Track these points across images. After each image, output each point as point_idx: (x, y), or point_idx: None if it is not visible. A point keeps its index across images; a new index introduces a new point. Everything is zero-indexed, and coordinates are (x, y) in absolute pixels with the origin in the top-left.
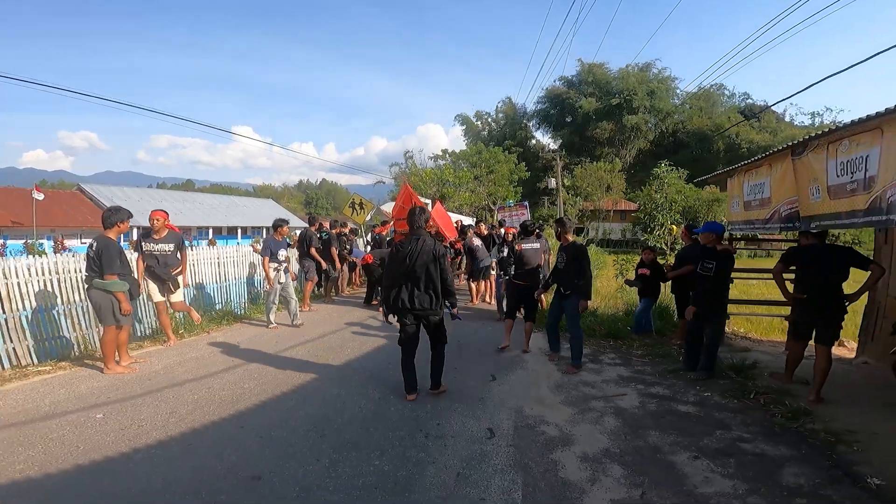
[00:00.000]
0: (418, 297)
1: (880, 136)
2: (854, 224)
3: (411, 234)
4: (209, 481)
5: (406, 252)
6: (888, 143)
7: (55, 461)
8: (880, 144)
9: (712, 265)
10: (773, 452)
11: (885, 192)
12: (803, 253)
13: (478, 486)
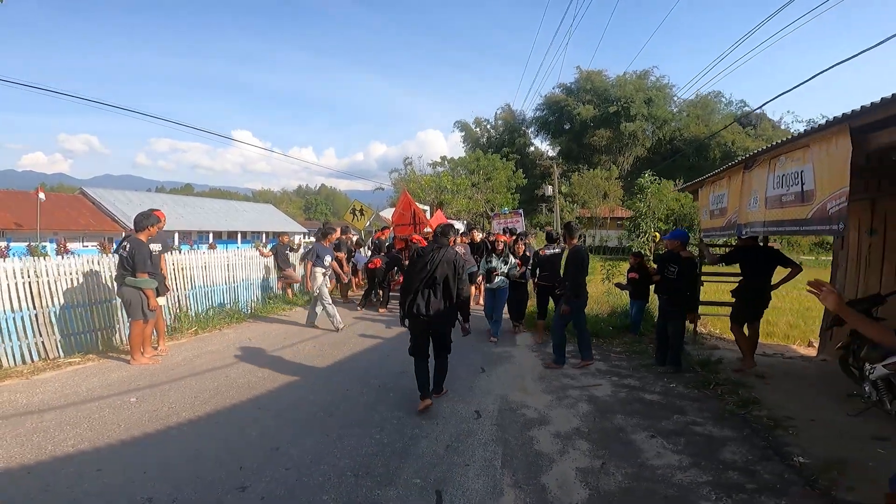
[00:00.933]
0: (434, 304)
1: (809, 152)
2: (800, 231)
3: (435, 242)
4: (235, 451)
5: (427, 259)
6: (817, 158)
7: (102, 437)
8: (812, 161)
9: (675, 269)
10: (719, 434)
11: (825, 203)
12: (745, 253)
13: (464, 455)
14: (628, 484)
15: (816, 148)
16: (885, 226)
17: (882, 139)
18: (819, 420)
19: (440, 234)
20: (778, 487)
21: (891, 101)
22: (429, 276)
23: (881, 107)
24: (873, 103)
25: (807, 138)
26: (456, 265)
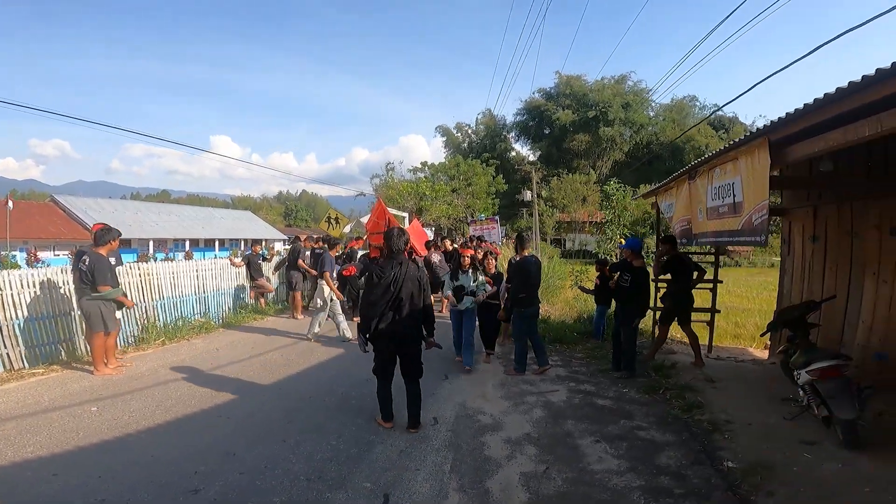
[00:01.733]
0: (401, 323)
1: (738, 164)
2: (733, 242)
3: (390, 257)
4: (191, 456)
5: (390, 279)
6: (745, 171)
7: (60, 444)
8: (740, 173)
9: (628, 277)
10: (660, 439)
11: (751, 215)
12: (676, 261)
13: (416, 460)
14: (566, 489)
15: (743, 161)
16: (826, 233)
17: (799, 151)
18: (755, 424)
19: (395, 250)
20: (703, 492)
21: (801, 113)
22: (394, 297)
23: (793, 119)
24: (788, 115)
25: (735, 150)
26: (420, 281)
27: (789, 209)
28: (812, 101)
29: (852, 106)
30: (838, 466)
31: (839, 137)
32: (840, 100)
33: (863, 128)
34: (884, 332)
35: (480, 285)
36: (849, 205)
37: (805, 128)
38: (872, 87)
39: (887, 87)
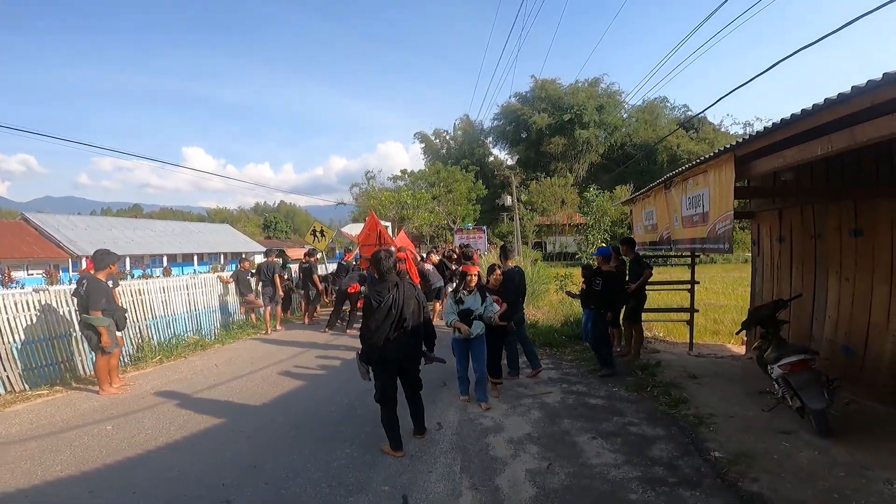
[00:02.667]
0: (405, 344)
1: (708, 177)
2: (701, 249)
3: (382, 280)
4: (215, 470)
5: (389, 302)
6: (713, 184)
7: (86, 462)
8: (709, 185)
9: (599, 281)
10: (651, 433)
11: (716, 224)
12: (635, 262)
13: (427, 463)
14: (570, 482)
15: (712, 174)
16: (791, 234)
17: (761, 166)
18: (737, 416)
19: (384, 271)
20: (694, 480)
21: (763, 134)
22: (396, 320)
23: (756, 139)
24: (752, 135)
25: (706, 164)
26: (419, 300)
27: (757, 212)
28: (771, 125)
29: (806, 127)
30: (814, 453)
31: (795, 155)
32: (795, 122)
33: (815, 147)
34: (848, 327)
35: (489, 307)
36: (811, 208)
37: (767, 145)
38: (819, 113)
39: (834, 112)
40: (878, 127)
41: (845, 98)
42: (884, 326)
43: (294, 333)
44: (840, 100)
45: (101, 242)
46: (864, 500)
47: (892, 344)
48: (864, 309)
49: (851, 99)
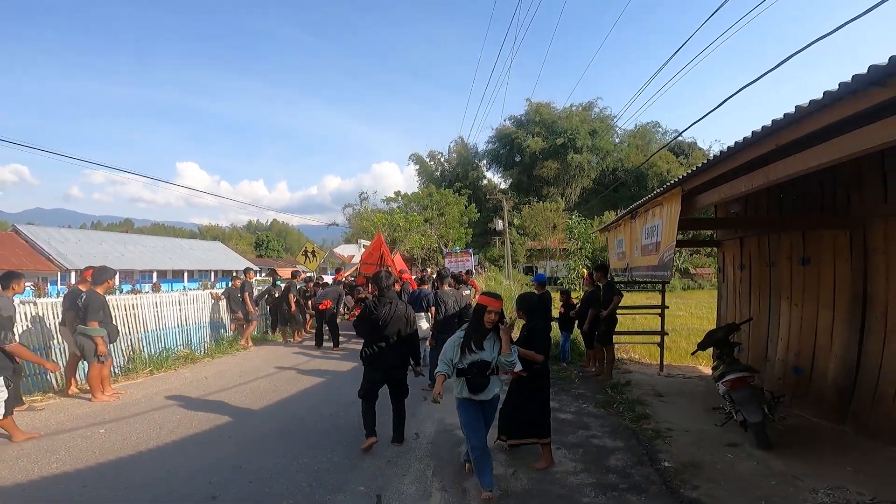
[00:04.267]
0: (390, 356)
1: (663, 209)
2: (652, 276)
3: (382, 295)
4: (202, 470)
5: (380, 316)
6: (666, 215)
7: (81, 461)
8: (662, 217)
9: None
10: (611, 445)
11: (664, 253)
12: (608, 287)
13: (402, 468)
14: (531, 486)
15: (665, 206)
16: (750, 262)
17: (704, 200)
18: (692, 430)
19: (384, 288)
20: (642, 487)
21: (702, 169)
22: (382, 334)
23: (696, 174)
24: (696, 168)
25: (661, 196)
26: (407, 318)
27: (723, 241)
28: (712, 157)
29: (738, 164)
30: (753, 464)
31: (727, 191)
32: (723, 160)
33: (740, 184)
34: (798, 349)
35: (507, 357)
36: (766, 237)
37: (712, 178)
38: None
39: (748, 153)
40: (786, 166)
41: (753, 141)
42: (828, 349)
43: (282, 350)
44: (749, 142)
45: (91, 256)
46: None
47: (835, 365)
48: (811, 332)
49: (762, 140)
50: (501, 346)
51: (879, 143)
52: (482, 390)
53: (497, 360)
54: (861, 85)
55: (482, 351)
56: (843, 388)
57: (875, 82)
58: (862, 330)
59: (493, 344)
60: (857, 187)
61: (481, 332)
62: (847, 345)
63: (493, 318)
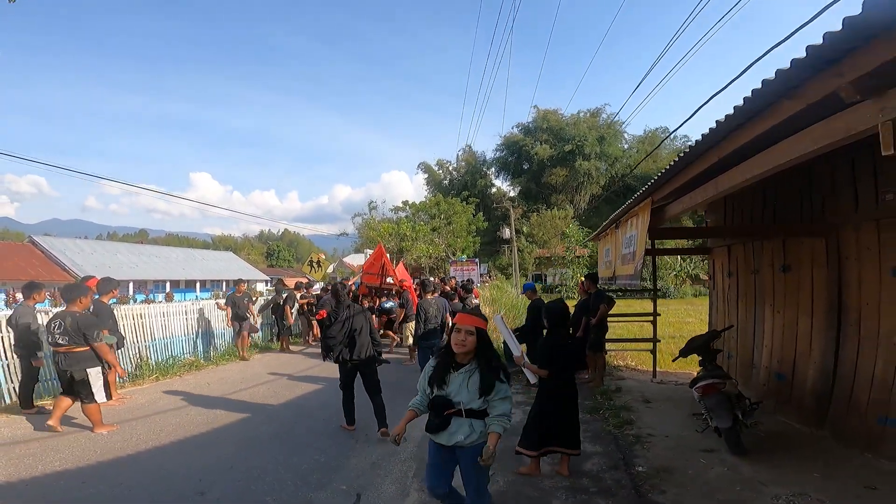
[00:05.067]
0: (356, 351)
1: (638, 219)
2: (628, 284)
3: (339, 303)
4: (196, 469)
5: (344, 318)
6: (640, 225)
7: (82, 460)
8: (637, 226)
9: None
10: (591, 450)
11: (638, 262)
12: (597, 296)
13: (385, 469)
14: (506, 488)
15: (640, 216)
16: (737, 269)
17: (673, 210)
18: (672, 436)
19: (341, 297)
20: (612, 491)
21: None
22: (349, 332)
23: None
24: (659, 177)
25: (637, 206)
26: (365, 316)
27: (713, 248)
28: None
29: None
30: (724, 469)
31: (687, 202)
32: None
33: (697, 195)
34: (780, 355)
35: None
36: (751, 245)
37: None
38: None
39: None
40: (730, 178)
41: (698, 153)
42: (807, 355)
43: (285, 357)
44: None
45: (106, 267)
46: None
47: (814, 370)
48: (792, 339)
49: (706, 153)
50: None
51: (796, 155)
52: (437, 431)
53: (473, 404)
54: (773, 97)
55: (447, 387)
56: (822, 394)
57: (784, 95)
58: (838, 337)
59: (466, 379)
60: (832, 196)
61: (448, 361)
62: (825, 351)
63: (464, 340)
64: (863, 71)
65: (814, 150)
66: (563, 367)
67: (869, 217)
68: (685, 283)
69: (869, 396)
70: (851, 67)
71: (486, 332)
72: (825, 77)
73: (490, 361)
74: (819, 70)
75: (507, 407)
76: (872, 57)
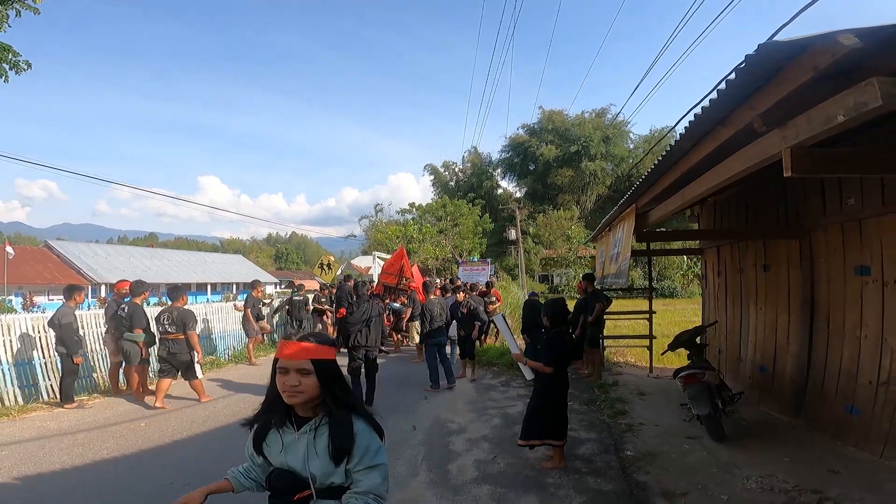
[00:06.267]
0: (369, 338)
1: (624, 223)
2: (614, 283)
3: (359, 297)
4: (229, 453)
5: (361, 310)
6: (626, 228)
7: (127, 448)
8: (624, 229)
9: None
10: (585, 437)
11: (621, 263)
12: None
13: (396, 454)
14: (506, 469)
15: (626, 220)
16: (725, 269)
17: (654, 215)
18: (661, 425)
19: (361, 293)
20: (601, 471)
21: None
22: (366, 322)
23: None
24: (637, 185)
25: (624, 212)
26: (380, 312)
27: (705, 249)
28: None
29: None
30: (704, 454)
31: (664, 208)
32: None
33: (675, 201)
34: (763, 349)
35: (365, 476)
36: (737, 247)
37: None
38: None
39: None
40: (692, 189)
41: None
42: (786, 349)
43: None
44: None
45: (120, 270)
46: (718, 490)
47: (791, 363)
48: (772, 333)
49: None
50: (340, 442)
51: (731, 174)
52: None
53: (333, 479)
54: (710, 125)
55: (285, 454)
56: (798, 385)
57: (720, 122)
58: (811, 331)
59: (312, 442)
60: (804, 201)
61: (283, 414)
62: (801, 345)
63: (296, 385)
64: (767, 105)
65: (743, 170)
66: (563, 363)
67: (835, 220)
68: (692, 282)
69: (837, 387)
70: (759, 102)
71: (332, 364)
72: (743, 109)
73: (341, 407)
74: (739, 104)
75: (375, 480)
76: (773, 93)
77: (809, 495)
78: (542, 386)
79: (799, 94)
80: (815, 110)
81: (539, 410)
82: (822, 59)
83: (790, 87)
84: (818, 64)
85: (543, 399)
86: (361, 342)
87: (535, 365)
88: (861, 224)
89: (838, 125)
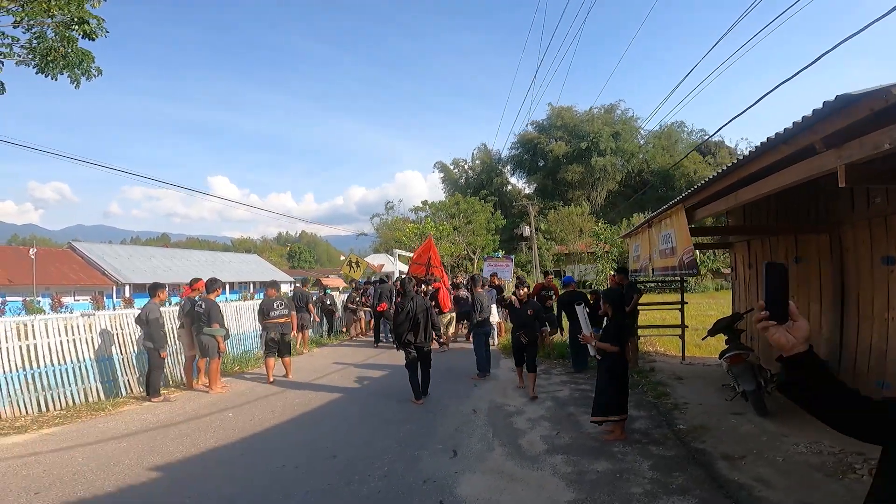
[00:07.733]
0: (418, 335)
1: (672, 220)
2: (672, 274)
3: (405, 295)
4: (317, 440)
5: (408, 308)
6: (675, 225)
7: (228, 438)
8: (673, 227)
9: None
10: (636, 414)
11: (682, 256)
12: (628, 287)
13: (468, 433)
14: (572, 441)
15: (675, 217)
16: (756, 261)
17: (700, 214)
18: (705, 404)
19: (408, 289)
20: (660, 441)
21: (693, 192)
22: (412, 320)
23: (694, 193)
24: (692, 189)
25: (670, 210)
26: (427, 309)
27: (734, 243)
28: (701, 183)
29: (728, 183)
30: (752, 427)
31: (713, 207)
32: (709, 185)
33: (724, 202)
34: None
35: None
36: (768, 240)
37: (704, 198)
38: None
39: (737, 174)
40: (746, 193)
41: (722, 175)
42: (818, 333)
43: (341, 350)
44: (719, 177)
45: (143, 271)
46: (772, 454)
47: (824, 346)
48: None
49: (727, 175)
50: None
51: (787, 183)
52: None
53: None
54: (774, 144)
55: None
56: (831, 365)
57: (783, 141)
58: (842, 317)
59: None
60: (835, 199)
61: None
62: (832, 329)
63: None
64: (828, 132)
65: (798, 179)
66: (624, 343)
67: (862, 217)
68: (706, 277)
69: (868, 364)
70: (822, 129)
71: None
72: (806, 134)
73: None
74: (803, 129)
75: None
76: (836, 124)
77: (854, 456)
78: (610, 364)
79: (854, 127)
80: (867, 137)
81: (607, 389)
82: (878, 104)
83: (849, 121)
84: (874, 107)
85: (613, 377)
86: (411, 339)
87: (603, 346)
88: (886, 220)
89: (884, 150)
